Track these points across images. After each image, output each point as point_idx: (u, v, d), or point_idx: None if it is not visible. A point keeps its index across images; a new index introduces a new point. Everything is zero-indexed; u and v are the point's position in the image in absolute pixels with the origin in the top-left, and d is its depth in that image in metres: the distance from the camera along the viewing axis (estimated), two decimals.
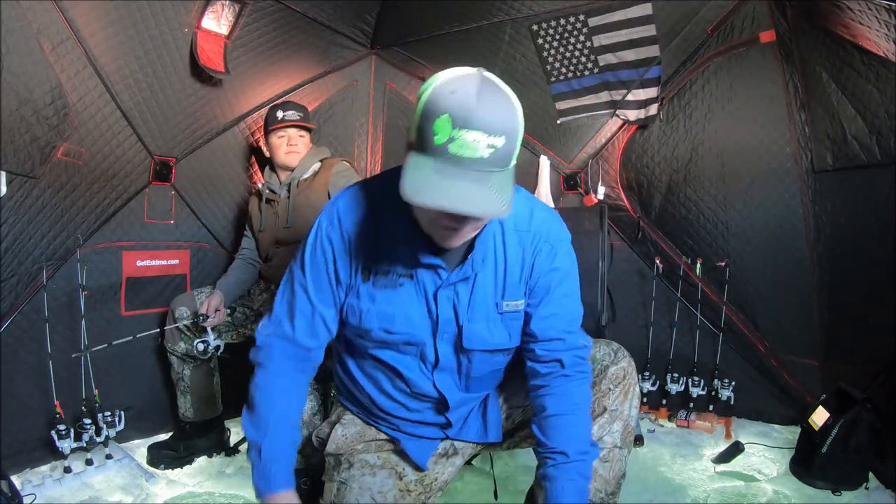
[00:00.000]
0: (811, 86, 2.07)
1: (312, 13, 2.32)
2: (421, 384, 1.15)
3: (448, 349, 1.13)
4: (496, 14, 2.37)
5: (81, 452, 1.96)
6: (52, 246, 1.94)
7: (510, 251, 1.09)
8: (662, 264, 2.56)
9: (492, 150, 0.84)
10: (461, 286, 1.08)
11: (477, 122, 0.83)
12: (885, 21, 1.61)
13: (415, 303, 1.08)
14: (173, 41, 1.96)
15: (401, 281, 1.07)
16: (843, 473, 1.86)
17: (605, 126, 2.63)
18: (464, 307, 1.08)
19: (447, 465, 1.25)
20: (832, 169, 2.08)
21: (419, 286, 1.07)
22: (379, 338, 1.11)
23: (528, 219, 1.10)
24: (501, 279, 1.09)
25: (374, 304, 1.08)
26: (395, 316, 1.08)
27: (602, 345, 1.29)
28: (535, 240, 1.09)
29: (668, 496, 1.89)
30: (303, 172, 2.15)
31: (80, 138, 1.88)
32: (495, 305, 1.10)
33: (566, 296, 1.14)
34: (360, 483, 1.18)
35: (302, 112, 2.22)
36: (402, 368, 1.14)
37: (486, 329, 1.11)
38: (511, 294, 1.10)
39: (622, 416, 1.21)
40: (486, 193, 0.84)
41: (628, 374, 1.24)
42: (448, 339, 1.11)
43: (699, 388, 2.44)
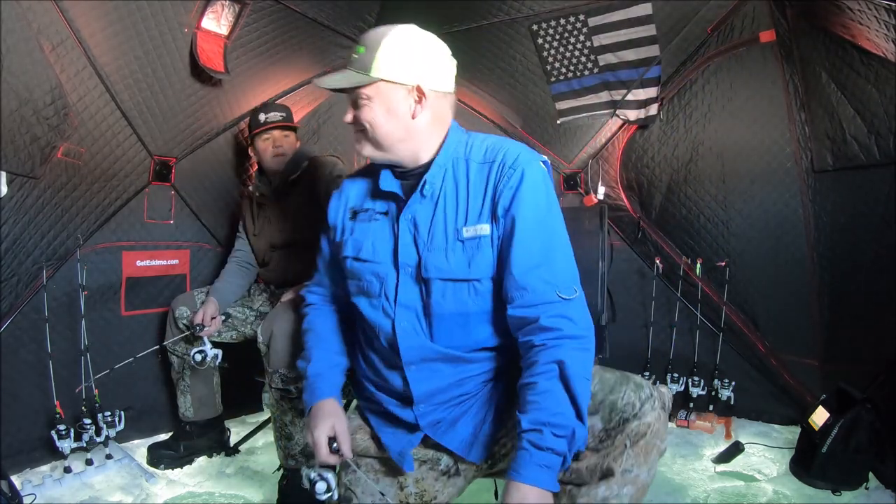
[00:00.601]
0: (811, 86, 2.07)
1: (312, 13, 2.32)
2: (383, 325, 1.14)
3: (408, 280, 1.13)
4: (496, 14, 2.37)
5: (81, 452, 1.96)
6: (52, 246, 1.94)
7: (473, 179, 1.13)
8: (662, 264, 2.56)
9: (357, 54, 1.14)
10: (421, 214, 1.14)
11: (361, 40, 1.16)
12: (885, 21, 1.61)
13: (383, 233, 1.17)
14: (173, 41, 1.96)
15: (377, 216, 1.19)
16: (843, 473, 1.86)
17: (605, 126, 2.63)
18: (423, 235, 1.12)
19: (448, 484, 1.22)
20: (832, 169, 2.08)
21: (390, 219, 1.18)
22: (353, 269, 1.20)
23: (495, 150, 1.15)
24: (464, 206, 1.12)
25: (351, 235, 1.22)
26: (363, 243, 1.19)
27: (630, 389, 1.06)
28: (500, 166, 1.12)
29: (668, 496, 1.89)
30: (291, 173, 2.12)
31: (80, 138, 1.88)
32: (455, 232, 1.11)
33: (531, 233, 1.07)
34: (363, 487, 1.19)
35: (284, 112, 2.21)
36: (370, 314, 1.17)
37: (444, 257, 1.10)
38: (472, 219, 1.11)
39: (637, 480, 1.03)
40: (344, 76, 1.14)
41: (653, 431, 1.03)
42: (409, 271, 1.13)
43: (699, 388, 2.44)
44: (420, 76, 1.12)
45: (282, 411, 1.68)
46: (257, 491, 1.94)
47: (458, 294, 1.11)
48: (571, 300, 1.06)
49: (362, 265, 1.18)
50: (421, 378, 1.14)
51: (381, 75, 1.11)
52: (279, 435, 1.71)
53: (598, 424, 1.06)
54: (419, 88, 1.12)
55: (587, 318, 1.07)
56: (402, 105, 1.12)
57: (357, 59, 1.13)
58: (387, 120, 1.12)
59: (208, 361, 1.91)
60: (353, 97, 1.15)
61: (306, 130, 2.72)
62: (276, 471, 1.88)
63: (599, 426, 1.06)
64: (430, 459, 1.22)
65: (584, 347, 1.04)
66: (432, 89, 1.13)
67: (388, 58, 1.11)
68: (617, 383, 1.08)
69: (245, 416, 2.57)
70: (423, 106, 1.13)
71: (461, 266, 1.10)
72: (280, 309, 1.75)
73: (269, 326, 1.69)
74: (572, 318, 1.04)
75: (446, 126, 1.19)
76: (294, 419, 1.68)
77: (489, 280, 1.11)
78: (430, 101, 1.13)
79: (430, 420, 1.16)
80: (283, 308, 1.75)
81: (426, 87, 1.12)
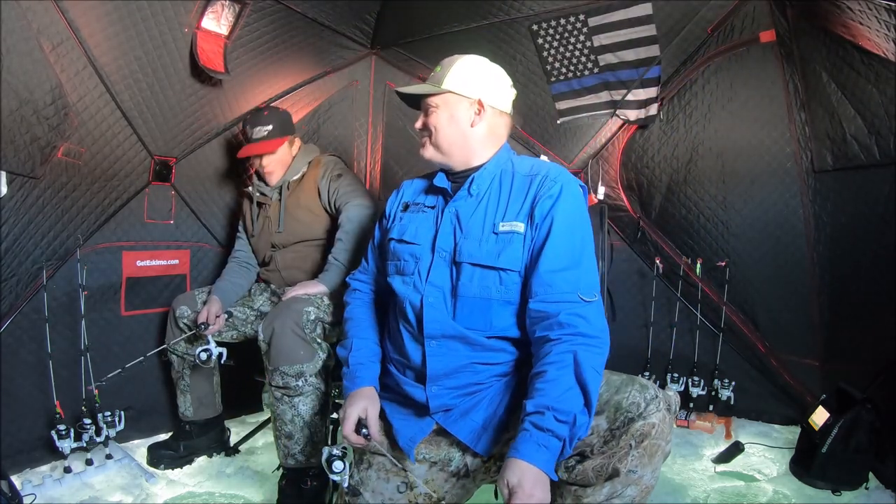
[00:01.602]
0: (811, 86, 2.07)
1: (312, 13, 2.32)
2: (413, 299, 1.24)
3: (441, 263, 1.25)
4: (496, 14, 2.37)
5: (81, 452, 1.96)
6: (52, 246, 1.94)
7: (516, 186, 1.27)
8: (662, 264, 2.56)
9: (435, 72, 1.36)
10: (464, 208, 1.27)
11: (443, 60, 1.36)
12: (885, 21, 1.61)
13: (428, 222, 1.32)
14: (173, 41, 1.96)
15: (425, 209, 1.34)
16: (843, 473, 1.86)
17: (605, 126, 2.63)
18: (463, 226, 1.25)
19: (457, 486, 1.25)
20: (832, 169, 2.08)
21: (436, 211, 1.32)
22: (395, 250, 1.34)
23: (539, 167, 1.30)
24: (504, 205, 1.25)
25: (400, 222, 1.37)
26: (408, 228, 1.33)
27: (635, 390, 1.08)
28: (543, 178, 1.25)
29: (668, 496, 1.89)
30: (293, 174, 2.12)
31: (81, 138, 1.88)
32: (492, 225, 1.23)
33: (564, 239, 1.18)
34: (374, 486, 1.24)
35: (271, 123, 2.07)
36: (402, 289, 1.28)
37: (478, 245, 1.22)
38: (510, 217, 1.23)
39: (640, 481, 1.05)
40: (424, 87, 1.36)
41: (657, 432, 1.04)
42: (444, 255, 1.25)
43: (699, 388, 2.44)
44: (481, 92, 1.32)
45: (282, 410, 1.68)
46: (257, 491, 1.94)
47: (484, 280, 1.20)
48: (591, 303, 1.13)
49: (403, 246, 1.32)
50: (439, 353, 1.21)
51: (449, 87, 1.32)
52: (279, 434, 1.71)
53: (603, 424, 1.07)
54: (480, 102, 1.31)
55: (603, 322, 1.14)
56: (463, 114, 1.31)
57: (434, 75, 1.35)
58: (449, 125, 1.31)
59: (213, 360, 1.91)
60: (424, 106, 1.35)
61: (306, 131, 2.73)
62: (275, 470, 1.88)
63: (605, 426, 1.07)
64: (441, 460, 1.25)
65: (598, 346, 1.10)
66: (491, 105, 1.33)
67: (458, 75, 1.32)
68: (622, 384, 1.10)
69: (245, 416, 2.57)
70: (481, 118, 1.31)
71: (491, 255, 1.20)
72: (282, 307, 1.76)
73: (271, 324, 1.70)
74: (589, 318, 1.11)
75: (500, 142, 1.36)
76: (294, 418, 1.68)
77: (516, 274, 1.20)
78: (488, 115, 1.32)
79: (440, 403, 1.21)
80: (284, 306, 1.76)
81: (486, 102, 1.32)
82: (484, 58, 1.37)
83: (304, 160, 2.14)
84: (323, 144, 2.79)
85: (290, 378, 1.66)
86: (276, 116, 2.10)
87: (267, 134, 2.07)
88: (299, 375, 1.66)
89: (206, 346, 1.90)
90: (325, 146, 2.81)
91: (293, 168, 2.12)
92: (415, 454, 1.23)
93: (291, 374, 1.66)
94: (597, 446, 1.07)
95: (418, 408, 1.25)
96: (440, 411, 1.22)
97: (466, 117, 1.31)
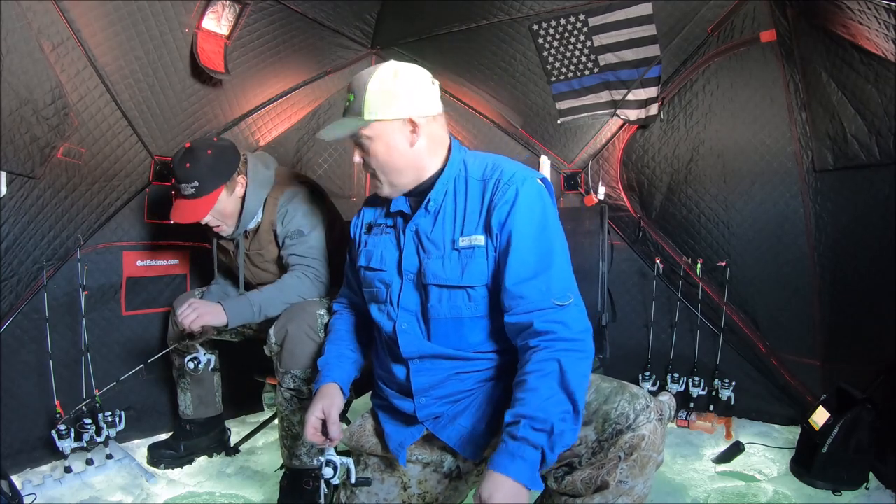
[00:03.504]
0: (812, 85, 2.07)
1: (313, 13, 2.32)
2: (386, 326, 1.25)
3: (409, 286, 1.23)
4: (496, 14, 2.37)
5: (82, 452, 1.96)
6: (52, 246, 1.94)
7: (470, 194, 1.21)
8: (663, 264, 2.56)
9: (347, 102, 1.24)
10: (423, 226, 1.23)
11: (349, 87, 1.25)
12: (885, 21, 1.61)
13: (391, 244, 1.29)
14: (173, 41, 1.96)
15: (387, 230, 1.31)
16: (844, 473, 1.86)
17: (605, 126, 2.63)
18: (424, 245, 1.22)
19: (450, 487, 1.25)
20: (833, 168, 2.08)
21: (397, 231, 1.29)
22: (366, 278, 1.32)
23: (492, 168, 1.23)
24: (461, 217, 1.21)
25: (365, 247, 1.34)
26: (374, 254, 1.30)
27: (624, 400, 1.06)
28: (496, 182, 1.19)
29: (668, 496, 1.89)
30: (248, 221, 1.86)
31: (81, 138, 1.88)
32: (452, 242, 1.19)
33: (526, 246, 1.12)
34: (368, 488, 1.25)
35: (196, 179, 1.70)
36: (377, 317, 1.28)
37: (441, 265, 1.19)
38: (468, 230, 1.18)
39: (632, 492, 1.03)
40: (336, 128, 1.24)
41: (648, 444, 1.03)
42: (411, 278, 1.23)
43: (699, 388, 2.44)
44: (408, 108, 1.20)
45: (291, 411, 1.67)
46: (257, 491, 1.94)
47: (453, 300, 1.18)
48: (566, 306, 1.08)
49: (373, 274, 1.30)
50: (421, 370, 1.21)
51: (374, 116, 1.20)
52: (285, 434, 1.70)
53: (591, 435, 1.06)
54: (410, 120, 1.21)
55: (584, 323, 1.09)
56: (399, 138, 1.21)
57: (349, 105, 1.23)
58: (389, 154, 1.22)
59: (201, 368, 1.90)
60: (355, 140, 1.24)
61: (306, 131, 2.73)
62: (277, 470, 1.88)
63: (593, 437, 1.06)
64: (433, 461, 1.26)
65: (579, 349, 1.05)
66: (422, 116, 1.22)
67: (376, 98, 1.19)
68: (612, 393, 1.08)
69: (245, 416, 2.57)
70: (417, 134, 1.22)
71: (455, 273, 1.17)
72: (295, 310, 1.70)
73: (284, 327, 1.65)
74: (566, 322, 1.06)
75: (445, 144, 1.28)
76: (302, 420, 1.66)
77: (483, 288, 1.17)
78: (423, 128, 1.22)
79: (428, 412, 1.21)
80: (298, 309, 1.70)
81: (416, 117, 1.21)
82: (391, 62, 1.24)
83: (257, 198, 1.83)
84: (323, 144, 2.80)
85: (302, 382, 1.64)
86: (203, 164, 1.72)
87: (194, 191, 1.72)
88: (311, 379, 1.65)
89: (195, 355, 1.88)
90: (325, 146, 2.82)
91: (246, 212, 1.82)
92: (407, 455, 1.24)
93: (304, 377, 1.63)
94: (585, 457, 1.06)
95: (408, 415, 1.24)
96: (429, 419, 1.22)
97: (403, 139, 1.21)
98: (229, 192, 1.78)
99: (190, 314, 1.69)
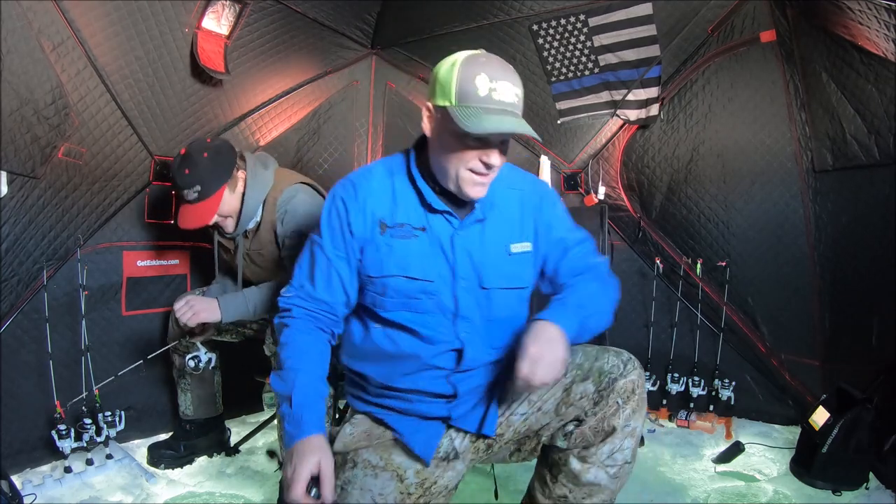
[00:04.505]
0: (811, 86, 2.07)
1: (313, 13, 2.32)
2: (443, 336, 1.19)
3: (466, 295, 1.19)
4: (496, 14, 2.38)
5: (82, 452, 1.96)
6: (52, 246, 1.94)
7: (510, 202, 1.25)
8: (663, 264, 2.56)
9: (517, 98, 1.11)
10: (473, 232, 1.20)
11: (508, 77, 1.10)
12: (885, 21, 1.61)
13: (430, 251, 1.19)
14: (173, 41, 1.96)
15: (415, 233, 1.19)
16: (844, 473, 1.86)
17: (605, 126, 2.63)
18: (478, 251, 1.20)
19: (447, 468, 1.23)
20: (832, 169, 2.08)
21: (433, 236, 1.19)
22: (398, 287, 1.18)
23: (520, 178, 1.31)
24: (507, 225, 1.24)
25: (391, 251, 1.18)
26: (411, 261, 1.17)
27: (611, 355, 1.21)
28: (529, 193, 1.28)
29: (668, 496, 1.89)
30: (247, 222, 1.85)
31: (81, 138, 1.88)
32: (505, 248, 1.22)
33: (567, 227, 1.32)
34: (361, 484, 1.18)
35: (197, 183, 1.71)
36: (421, 328, 1.18)
37: (498, 270, 1.21)
38: (517, 237, 1.24)
39: (634, 432, 1.19)
40: (521, 123, 1.10)
41: (638, 388, 1.18)
42: (466, 284, 1.19)
43: (699, 388, 2.44)
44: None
45: None
46: (257, 491, 1.94)
47: (509, 300, 1.24)
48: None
49: (412, 283, 1.17)
50: (472, 376, 1.22)
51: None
52: None
53: (590, 388, 1.18)
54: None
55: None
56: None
57: (519, 99, 1.12)
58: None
59: (202, 367, 1.90)
60: (506, 142, 1.14)
61: (306, 131, 2.73)
62: (277, 469, 1.88)
63: (592, 389, 1.18)
64: None
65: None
66: None
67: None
68: (599, 352, 1.23)
69: (245, 416, 2.57)
70: None
71: (513, 276, 1.23)
72: None
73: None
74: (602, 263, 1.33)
75: None
76: None
77: (529, 290, 1.28)
78: None
79: (462, 411, 1.22)
80: None
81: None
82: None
83: (255, 199, 1.82)
84: (323, 144, 2.80)
85: None
86: (202, 168, 1.73)
87: (197, 196, 1.73)
88: None
89: (195, 354, 1.88)
90: (325, 146, 2.82)
91: (245, 213, 1.82)
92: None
93: None
94: (589, 409, 1.18)
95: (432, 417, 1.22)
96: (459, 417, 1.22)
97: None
98: (231, 190, 1.79)
99: (186, 311, 1.72)
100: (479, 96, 1.07)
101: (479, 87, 1.07)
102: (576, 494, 1.22)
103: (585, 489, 1.20)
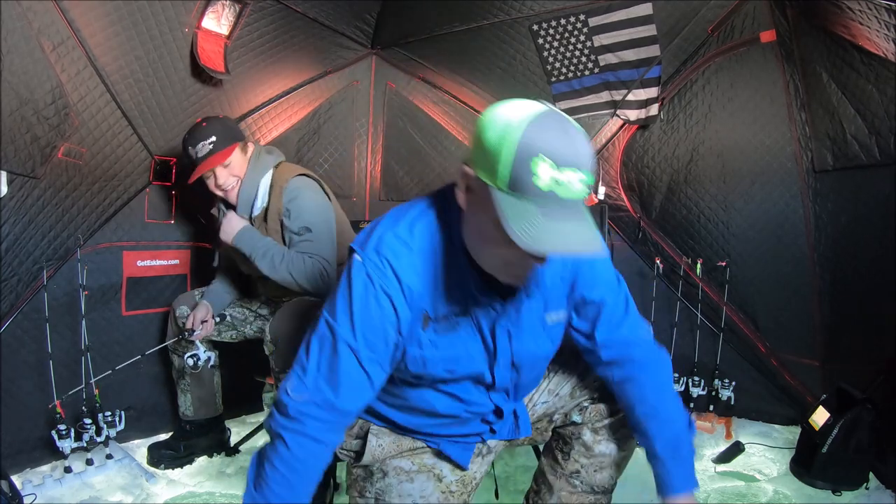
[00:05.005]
0: (812, 86, 2.07)
1: (313, 13, 2.32)
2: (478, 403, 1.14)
3: (503, 372, 1.11)
4: (496, 14, 2.37)
5: (82, 452, 1.96)
6: (52, 246, 1.94)
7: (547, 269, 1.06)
8: (663, 264, 2.56)
9: (586, 188, 0.84)
10: (510, 309, 1.06)
11: (579, 160, 0.82)
12: (885, 21, 1.61)
13: (472, 340, 1.06)
14: (173, 41, 1.96)
15: (457, 320, 1.03)
16: (844, 473, 1.86)
17: (605, 126, 2.63)
18: (515, 328, 1.07)
19: (483, 463, 1.25)
20: (833, 169, 2.08)
21: (474, 321, 1.04)
22: (440, 377, 1.08)
23: None
24: (542, 295, 1.08)
25: (437, 350, 1.03)
26: (458, 358, 1.05)
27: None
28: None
29: None
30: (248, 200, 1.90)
31: (81, 138, 1.88)
32: (541, 320, 1.10)
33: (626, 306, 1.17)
34: (399, 491, 1.14)
35: (213, 136, 1.81)
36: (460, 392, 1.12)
37: (534, 343, 1.11)
38: (552, 306, 1.11)
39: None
40: (590, 231, 0.84)
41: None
42: (503, 362, 1.10)
43: (699, 388, 2.44)
44: None
45: None
46: None
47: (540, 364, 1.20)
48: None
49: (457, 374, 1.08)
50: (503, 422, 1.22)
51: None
52: None
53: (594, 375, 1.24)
54: None
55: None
56: None
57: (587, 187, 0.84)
58: None
59: (201, 365, 1.90)
60: None
61: (306, 131, 2.73)
62: None
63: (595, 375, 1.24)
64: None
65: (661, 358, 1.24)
66: None
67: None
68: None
69: (245, 416, 2.57)
70: None
71: (548, 348, 1.16)
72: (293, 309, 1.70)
73: (279, 326, 1.65)
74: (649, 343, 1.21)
75: None
76: None
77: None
78: None
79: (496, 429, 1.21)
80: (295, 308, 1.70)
81: None
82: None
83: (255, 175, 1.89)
84: (323, 144, 2.80)
85: None
86: (217, 124, 1.86)
87: (212, 147, 1.82)
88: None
89: (194, 352, 1.88)
90: (325, 146, 2.82)
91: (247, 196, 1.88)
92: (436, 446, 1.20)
93: None
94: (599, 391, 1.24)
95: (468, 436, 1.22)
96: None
97: None
98: (243, 152, 1.88)
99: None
100: (539, 190, 0.81)
101: (540, 175, 0.80)
102: (587, 468, 1.25)
103: (597, 461, 1.24)
